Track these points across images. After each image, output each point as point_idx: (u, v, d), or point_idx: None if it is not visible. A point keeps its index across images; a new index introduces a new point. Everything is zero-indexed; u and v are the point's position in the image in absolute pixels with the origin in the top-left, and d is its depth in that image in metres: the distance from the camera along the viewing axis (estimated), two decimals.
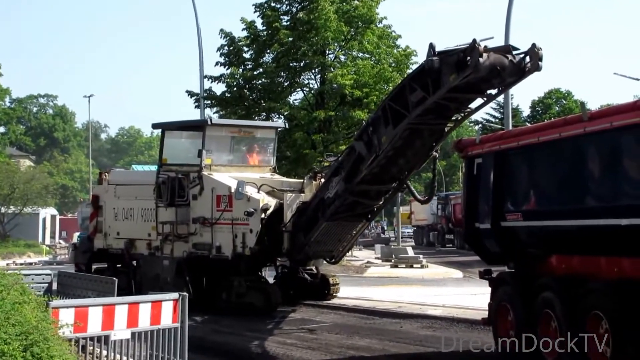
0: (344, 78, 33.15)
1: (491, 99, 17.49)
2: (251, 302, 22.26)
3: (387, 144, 17.92)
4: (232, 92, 36.37)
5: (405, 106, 16.98)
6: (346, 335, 18.55)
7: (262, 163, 25.13)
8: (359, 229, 22.32)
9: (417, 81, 16.60)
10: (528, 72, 15.48)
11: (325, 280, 24.19)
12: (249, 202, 21.77)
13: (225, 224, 22.36)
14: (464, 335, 17.93)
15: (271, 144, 25.29)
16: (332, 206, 20.27)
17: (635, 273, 12.35)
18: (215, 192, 22.75)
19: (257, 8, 36.68)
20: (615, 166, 12.38)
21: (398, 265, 39.09)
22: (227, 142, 24.74)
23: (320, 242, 21.50)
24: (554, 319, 13.32)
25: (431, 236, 68.64)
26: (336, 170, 20.13)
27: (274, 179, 23.86)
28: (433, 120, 17.49)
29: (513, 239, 14.92)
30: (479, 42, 15.08)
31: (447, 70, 15.65)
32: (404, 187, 21.13)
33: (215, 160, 23.84)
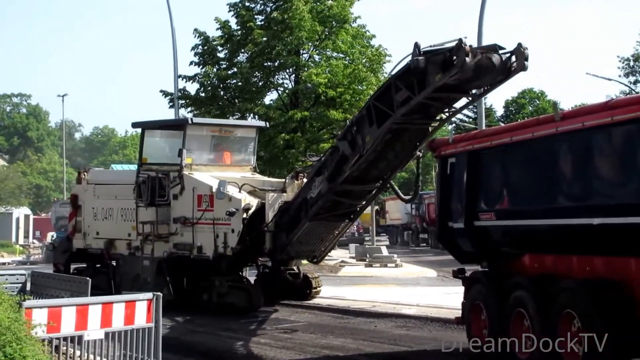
0: (318, 77, 33.16)
1: (476, 98, 17.55)
2: (233, 302, 22.25)
3: (372, 144, 17.90)
4: (206, 91, 36.30)
5: (390, 106, 16.97)
6: (320, 335, 18.57)
7: (243, 162, 25.07)
8: (341, 229, 22.30)
9: (402, 80, 16.57)
10: (514, 71, 15.53)
11: (307, 279, 24.17)
12: (230, 202, 21.71)
13: (207, 223, 22.28)
14: (437, 335, 18.05)
15: (252, 143, 25.20)
16: (315, 206, 20.23)
17: (607, 272, 12.47)
18: (196, 192, 22.67)
19: (232, 8, 36.64)
20: (587, 166, 12.47)
21: (372, 265, 39.13)
22: (207, 142, 24.66)
23: (302, 242, 21.47)
24: (526, 318, 13.37)
25: (405, 235, 68.75)
26: (319, 170, 20.10)
27: (255, 178, 23.82)
28: (418, 120, 17.47)
29: (486, 238, 14.99)
30: (464, 41, 15.13)
31: (433, 70, 15.66)
32: (387, 186, 21.15)
33: (196, 159, 23.78)
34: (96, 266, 26.00)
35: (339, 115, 32.97)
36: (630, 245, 11.84)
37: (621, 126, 11.68)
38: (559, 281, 12.85)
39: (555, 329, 12.55)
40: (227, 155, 25.20)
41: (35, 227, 71.20)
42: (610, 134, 12.01)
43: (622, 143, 11.85)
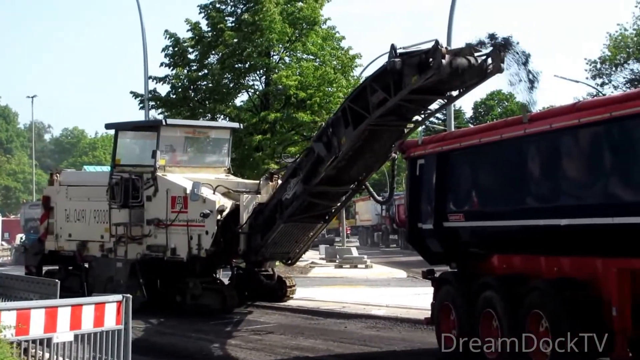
0: (289, 79, 33.17)
1: (452, 100, 17.61)
2: (207, 304, 22.22)
3: (347, 145, 17.93)
4: (176, 93, 36.15)
5: (366, 107, 16.97)
6: (290, 336, 18.60)
7: (217, 164, 24.99)
8: (316, 231, 22.31)
9: (378, 82, 16.58)
10: (490, 73, 15.60)
11: (281, 281, 24.14)
12: (204, 204, 21.62)
13: (181, 225, 22.17)
14: (407, 335, 18.15)
15: (226, 145, 25.10)
16: (290, 207, 20.19)
17: (575, 272, 12.58)
18: (170, 194, 22.57)
19: (202, 9, 36.55)
20: (554, 167, 12.59)
21: (342, 266, 39.17)
22: (181, 143, 24.57)
23: (277, 243, 21.41)
24: (495, 318, 13.46)
25: (375, 236, 68.90)
26: (294, 171, 20.06)
27: (229, 179, 23.76)
28: (393, 122, 17.49)
29: (455, 239, 15.08)
30: (441, 43, 15.19)
31: (409, 72, 15.68)
32: (362, 188, 21.18)
33: (170, 161, 23.72)
34: (68, 268, 25.85)
35: (308, 117, 32.97)
36: (597, 245, 11.98)
37: (588, 128, 11.81)
38: (527, 281, 12.95)
39: (524, 329, 12.64)
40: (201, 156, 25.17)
41: (4, 228, 70.64)
42: (578, 136, 12.13)
43: (589, 145, 11.98)
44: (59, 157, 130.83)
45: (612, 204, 11.38)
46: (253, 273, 23.53)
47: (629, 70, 48.47)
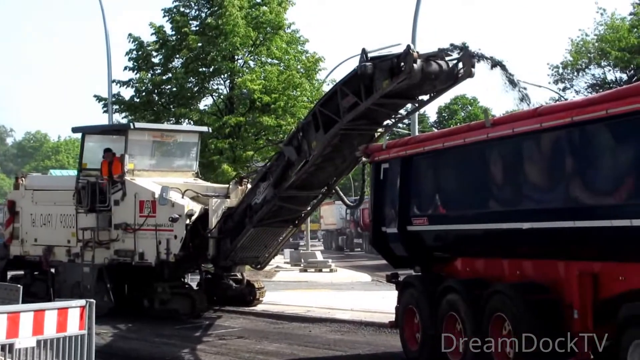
0: (253, 83, 33.14)
1: (423, 104, 17.64)
2: (176, 309, 22.12)
3: (318, 149, 17.93)
4: (141, 97, 36.02)
5: (337, 111, 16.95)
6: (255, 340, 18.59)
7: (185, 168, 24.85)
8: (285, 235, 22.27)
9: (349, 86, 16.57)
10: (461, 78, 15.67)
11: (250, 286, 24.06)
12: (173, 208, 21.50)
13: (149, 230, 22.01)
14: (371, 339, 18.20)
15: (194, 148, 24.93)
16: (260, 212, 20.09)
17: (537, 275, 12.70)
18: (138, 198, 22.39)
19: (166, 13, 36.44)
20: (517, 171, 12.68)
21: (307, 270, 39.18)
22: (149, 147, 24.40)
23: (246, 248, 21.32)
24: (458, 321, 13.53)
25: (340, 240, 68.96)
26: (264, 175, 19.98)
27: (198, 184, 23.64)
28: (364, 126, 17.47)
29: (419, 242, 15.14)
30: (412, 47, 15.23)
31: (380, 76, 15.68)
32: (332, 192, 21.20)
33: (138, 165, 23.52)
34: (34, 274, 25.57)
35: (272, 121, 32.97)
36: (559, 249, 12.08)
37: (550, 132, 11.89)
38: (490, 285, 13.04)
39: (487, 331, 12.71)
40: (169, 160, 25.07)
41: None
42: (539, 140, 12.21)
43: (551, 149, 12.05)
44: (21, 161, 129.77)
45: (573, 208, 11.46)
46: (222, 278, 23.44)
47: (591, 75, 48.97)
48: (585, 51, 48.23)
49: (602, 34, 47.16)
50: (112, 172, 22.97)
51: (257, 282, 24.44)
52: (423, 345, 14.59)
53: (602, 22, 47.73)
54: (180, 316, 21.90)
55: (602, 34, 47.23)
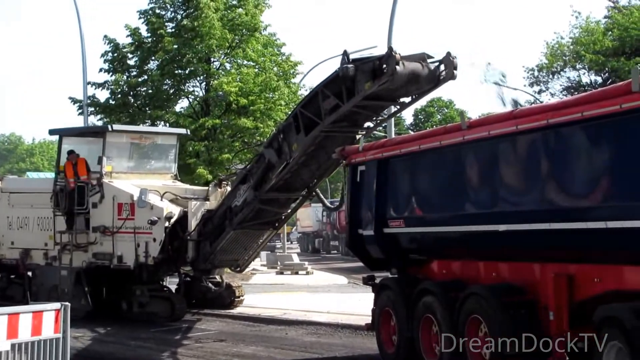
0: (229, 86, 33.08)
1: (404, 107, 17.67)
2: (155, 312, 22.03)
3: (298, 152, 17.86)
4: (116, 99, 35.87)
5: (318, 113, 16.93)
6: (232, 343, 18.54)
7: (164, 170, 24.76)
8: (265, 238, 22.23)
9: (330, 88, 16.56)
10: (443, 80, 15.69)
11: (229, 288, 23.99)
12: (152, 210, 21.45)
13: (128, 232, 21.93)
14: (348, 341, 18.20)
15: (172, 151, 24.86)
16: (240, 214, 20.06)
17: (513, 277, 12.71)
18: (116, 200, 22.30)
19: (142, 14, 36.30)
20: (493, 174, 12.70)
21: (284, 272, 39.13)
22: (128, 149, 24.30)
23: (226, 250, 21.28)
24: (435, 324, 13.55)
25: (316, 243, 68.90)
26: (244, 177, 19.94)
27: (177, 186, 23.56)
28: (345, 128, 17.46)
29: (395, 245, 15.15)
30: (395, 50, 15.23)
31: (362, 78, 15.69)
32: (312, 194, 21.18)
33: (116, 167, 23.44)
34: (11, 277, 25.39)
35: (250, 123, 32.93)
36: (535, 251, 12.13)
37: (525, 135, 11.92)
38: (466, 287, 13.05)
39: (463, 333, 12.71)
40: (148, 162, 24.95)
41: None
42: (515, 143, 12.24)
43: (527, 151, 12.07)
44: None
45: (549, 210, 11.50)
46: (201, 280, 23.36)
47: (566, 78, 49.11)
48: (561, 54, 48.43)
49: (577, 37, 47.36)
50: (78, 173, 22.81)
51: (236, 285, 24.38)
52: (399, 347, 14.59)
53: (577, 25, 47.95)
54: (159, 319, 21.80)
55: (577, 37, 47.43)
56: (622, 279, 10.86)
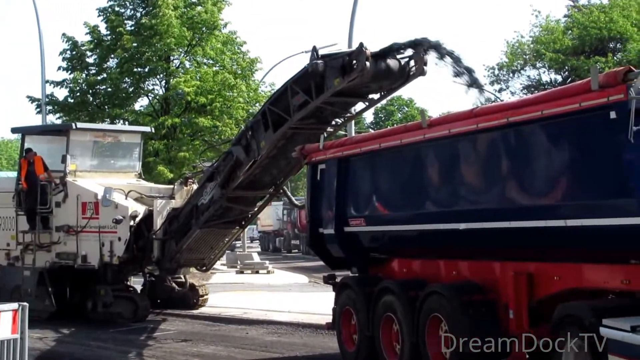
0: (187, 84, 32.92)
1: (373, 103, 17.65)
2: (119, 312, 21.80)
3: (267, 149, 17.74)
4: (75, 97, 35.60)
5: (287, 110, 16.86)
6: (191, 343, 18.43)
7: (128, 168, 24.52)
8: (231, 236, 22.11)
9: (299, 84, 16.50)
10: (412, 76, 15.67)
11: (193, 289, 23.81)
12: (116, 209, 21.27)
13: (92, 232, 21.73)
14: (308, 340, 18.17)
15: (137, 149, 24.61)
16: (207, 213, 19.92)
17: (473, 276, 12.75)
18: (80, 199, 22.07)
19: (101, 12, 36.03)
20: (453, 172, 12.70)
21: (244, 272, 38.98)
22: (91, 147, 24.05)
23: (192, 249, 21.12)
24: (395, 322, 13.54)
25: (277, 242, 68.76)
26: (211, 175, 19.80)
27: (141, 184, 23.39)
28: (314, 125, 17.41)
29: (356, 243, 15.11)
30: (365, 46, 15.19)
31: (332, 74, 15.65)
32: (280, 192, 21.08)
33: (80, 165, 23.18)
34: None
35: (208, 122, 32.79)
36: (495, 249, 12.15)
37: (485, 133, 11.92)
38: (427, 286, 13.04)
39: (424, 332, 12.72)
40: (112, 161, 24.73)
41: None
42: (475, 141, 12.24)
43: (487, 150, 12.09)
44: None
45: (509, 208, 11.52)
46: (165, 280, 23.19)
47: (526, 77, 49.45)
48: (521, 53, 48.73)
49: (537, 36, 47.68)
50: (35, 172, 22.54)
51: (200, 285, 24.23)
52: (360, 346, 14.55)
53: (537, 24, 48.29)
54: (122, 320, 21.60)
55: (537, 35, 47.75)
56: (581, 277, 10.90)
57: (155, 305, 23.17)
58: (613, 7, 45.20)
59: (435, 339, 12.58)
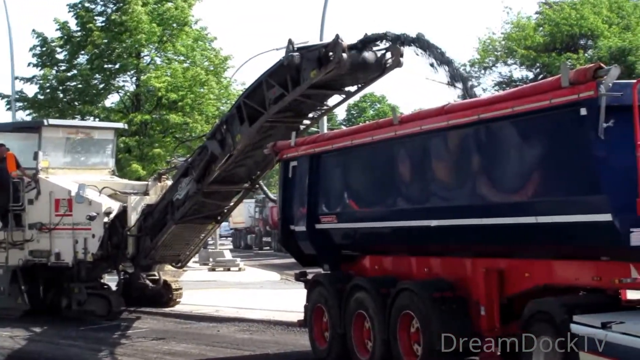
0: (158, 81, 32.78)
1: (350, 96, 17.57)
2: (92, 310, 21.62)
3: (243, 143, 17.65)
4: (45, 94, 35.41)
5: (262, 103, 16.75)
6: (163, 341, 18.31)
7: (101, 165, 24.34)
8: (207, 232, 22.00)
9: (274, 77, 16.39)
10: (389, 68, 15.62)
11: (167, 286, 23.62)
12: (90, 206, 21.11)
13: (65, 229, 21.58)
14: (280, 338, 18.10)
15: (110, 145, 24.46)
16: (182, 208, 19.77)
17: (444, 273, 12.73)
18: (53, 196, 21.90)
19: (72, 8, 35.84)
20: (424, 169, 12.67)
21: (215, 269, 38.81)
22: (64, 144, 23.81)
23: (167, 245, 20.97)
24: (367, 320, 13.52)
25: (249, 239, 68.51)
26: (186, 170, 19.66)
27: (115, 181, 23.25)
28: (290, 118, 17.32)
29: (327, 241, 15.08)
30: (341, 37, 15.13)
31: (308, 66, 15.56)
32: (256, 186, 20.99)
33: (53, 162, 22.97)
34: None
35: (179, 119, 32.67)
36: (466, 246, 12.16)
37: (457, 130, 11.90)
38: (398, 283, 13.01)
39: (395, 329, 12.72)
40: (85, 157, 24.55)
41: None
42: (447, 138, 12.22)
43: (458, 147, 12.06)
44: None
45: (481, 205, 11.51)
46: (139, 278, 23.01)
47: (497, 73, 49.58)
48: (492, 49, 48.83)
49: (508, 33, 47.78)
50: (7, 169, 22.34)
51: (174, 281, 24.08)
52: (332, 343, 14.54)
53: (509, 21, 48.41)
54: (96, 318, 21.44)
55: (508, 32, 47.86)
56: (552, 274, 10.93)
57: (129, 303, 22.98)
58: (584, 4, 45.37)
59: (406, 336, 12.58)
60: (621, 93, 9.55)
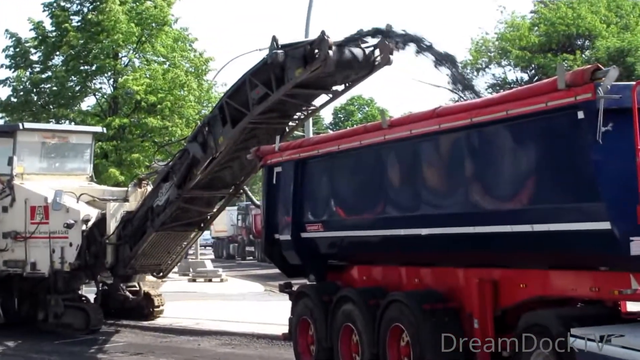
0: (136, 83, 32.43)
1: (337, 95, 17.28)
2: (70, 323, 21.11)
3: (225, 145, 17.22)
4: (18, 96, 35.13)
5: (246, 104, 16.42)
6: (141, 356, 17.97)
7: (79, 171, 23.88)
8: (190, 240, 21.57)
9: (258, 76, 16.09)
10: (378, 66, 15.39)
11: (148, 298, 23.15)
12: (68, 213, 20.71)
13: (42, 237, 21.16)
14: (264, 352, 17.83)
15: (88, 150, 24.04)
16: (162, 215, 19.39)
17: (436, 283, 12.44)
18: (28, 203, 21.48)
19: (46, 7, 35.53)
20: (415, 175, 12.36)
21: (196, 280, 38.46)
22: (40, 149, 23.40)
23: (147, 254, 20.58)
24: (355, 333, 13.22)
25: (231, 248, 68.13)
26: (167, 175, 19.28)
27: (93, 187, 22.86)
28: (275, 119, 17.00)
29: (313, 250, 14.76)
30: (327, 34, 14.80)
31: (293, 64, 15.32)
32: (240, 192, 20.60)
33: (28, 168, 22.55)
34: None
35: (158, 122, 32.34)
36: (458, 255, 11.88)
37: (448, 134, 11.61)
38: (388, 294, 12.71)
39: (384, 343, 12.43)
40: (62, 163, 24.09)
41: None
42: (438, 143, 11.93)
43: (450, 152, 11.78)
44: None
45: (473, 213, 11.22)
46: (118, 289, 22.53)
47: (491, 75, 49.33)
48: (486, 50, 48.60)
49: (502, 33, 47.48)
50: None
51: (155, 294, 23.57)
52: (318, 358, 14.23)
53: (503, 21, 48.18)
54: (74, 331, 20.95)
55: (502, 32, 47.56)
56: (549, 285, 10.71)
57: (108, 315, 22.52)
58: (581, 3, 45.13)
59: (396, 350, 12.30)
60: (620, 95, 9.34)
